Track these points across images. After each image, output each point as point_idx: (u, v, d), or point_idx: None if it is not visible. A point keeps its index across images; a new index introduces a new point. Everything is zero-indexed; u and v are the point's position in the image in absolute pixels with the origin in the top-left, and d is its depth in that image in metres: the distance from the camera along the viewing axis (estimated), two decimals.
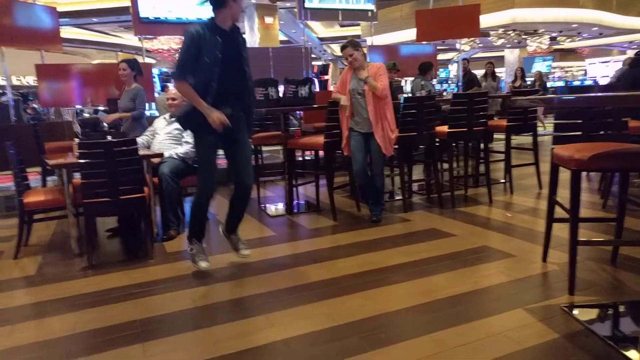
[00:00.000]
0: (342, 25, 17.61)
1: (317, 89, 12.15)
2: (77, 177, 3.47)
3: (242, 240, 3.11)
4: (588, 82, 21.50)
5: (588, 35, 17.71)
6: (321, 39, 19.35)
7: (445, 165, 4.73)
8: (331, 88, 14.02)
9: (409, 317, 2.26)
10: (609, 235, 3.26)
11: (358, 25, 15.92)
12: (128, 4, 6.83)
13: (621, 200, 2.67)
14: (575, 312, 2.19)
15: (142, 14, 6.78)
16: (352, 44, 3.79)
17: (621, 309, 2.28)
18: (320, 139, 4.08)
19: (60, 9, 7.38)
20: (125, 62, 4.67)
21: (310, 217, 4.31)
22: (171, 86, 13.36)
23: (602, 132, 2.69)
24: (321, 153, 4.36)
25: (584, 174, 4.98)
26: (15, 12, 6.01)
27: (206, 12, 2.75)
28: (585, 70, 25.07)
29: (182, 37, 2.70)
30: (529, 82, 12.14)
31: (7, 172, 5.77)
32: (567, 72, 25.94)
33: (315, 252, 3.32)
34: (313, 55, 10.73)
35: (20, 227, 3.51)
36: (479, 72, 10.87)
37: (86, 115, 6.00)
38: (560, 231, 2.99)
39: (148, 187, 3.51)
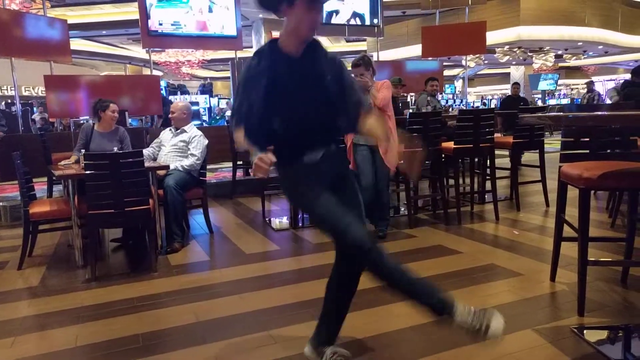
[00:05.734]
0: (348, 41, 17.75)
1: None
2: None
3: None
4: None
5: (593, 54, 17.78)
6: None
7: (451, 181, 4.71)
8: None
9: (414, 336, 2.22)
10: (618, 255, 3.21)
11: (364, 40, 16.04)
12: (137, 17, 6.93)
13: (631, 220, 2.64)
14: (586, 333, 2.14)
15: (151, 27, 6.87)
16: (365, 63, 3.64)
17: (632, 331, 2.24)
18: None
19: (70, 21, 7.48)
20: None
21: (314, 232, 4.28)
22: (176, 99, 13.48)
23: (609, 151, 2.67)
24: None
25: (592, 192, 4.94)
26: (26, 24, 6.10)
27: (213, 28, 2.65)
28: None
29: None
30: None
31: (14, 182, 5.82)
32: (572, 89, 25.97)
33: (319, 267, 3.27)
34: None
35: (25, 238, 3.50)
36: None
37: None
38: (568, 250, 2.95)
39: (153, 199, 3.50)
